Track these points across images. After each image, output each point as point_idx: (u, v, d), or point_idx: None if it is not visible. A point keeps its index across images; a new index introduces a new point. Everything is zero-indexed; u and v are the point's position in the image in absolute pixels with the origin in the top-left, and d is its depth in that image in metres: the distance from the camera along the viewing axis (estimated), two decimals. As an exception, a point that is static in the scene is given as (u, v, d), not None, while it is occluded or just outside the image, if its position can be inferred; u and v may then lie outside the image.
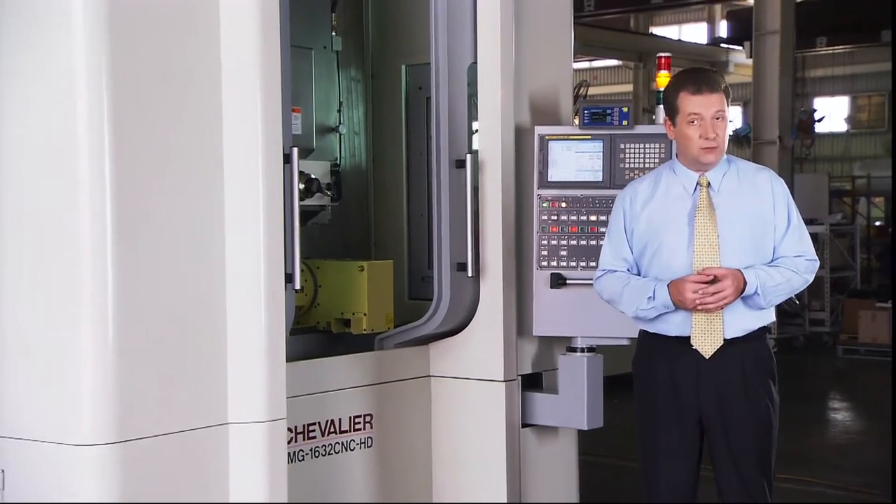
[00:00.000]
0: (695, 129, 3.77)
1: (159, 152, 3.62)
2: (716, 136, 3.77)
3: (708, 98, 3.77)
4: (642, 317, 3.88)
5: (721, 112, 3.79)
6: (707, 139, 3.76)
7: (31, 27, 3.63)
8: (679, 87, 3.84)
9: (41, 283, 3.57)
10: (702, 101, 3.77)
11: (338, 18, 5.41)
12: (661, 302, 3.77)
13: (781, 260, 3.84)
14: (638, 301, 3.84)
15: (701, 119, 3.76)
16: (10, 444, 3.60)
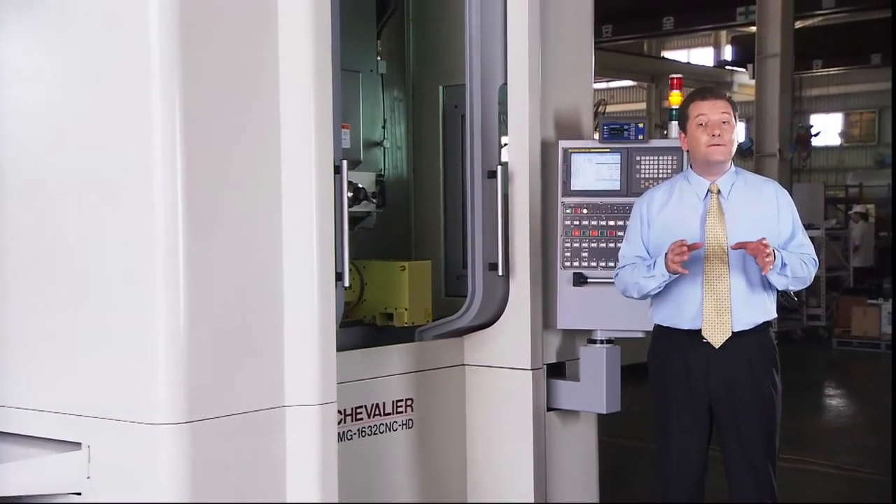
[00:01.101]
0: (703, 129, 3.80)
1: (226, 160, 3.64)
2: (721, 134, 3.78)
3: (714, 103, 3.82)
4: (645, 289, 3.86)
5: (727, 115, 3.81)
6: (713, 136, 3.77)
7: (102, 24, 3.65)
8: (690, 99, 3.92)
9: (119, 277, 3.59)
10: (708, 105, 3.82)
11: (383, 45, 5.44)
12: (659, 271, 3.77)
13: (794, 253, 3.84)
14: (640, 276, 3.84)
15: (708, 119, 3.78)
16: (94, 422, 3.62)
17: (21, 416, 3.82)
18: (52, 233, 3.78)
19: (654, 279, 3.81)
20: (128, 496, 3.57)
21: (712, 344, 3.81)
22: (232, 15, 3.65)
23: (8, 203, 3.89)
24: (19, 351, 3.85)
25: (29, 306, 3.82)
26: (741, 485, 3.87)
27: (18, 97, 3.89)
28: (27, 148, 3.86)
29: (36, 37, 3.85)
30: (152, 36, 3.48)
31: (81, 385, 3.67)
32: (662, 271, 3.76)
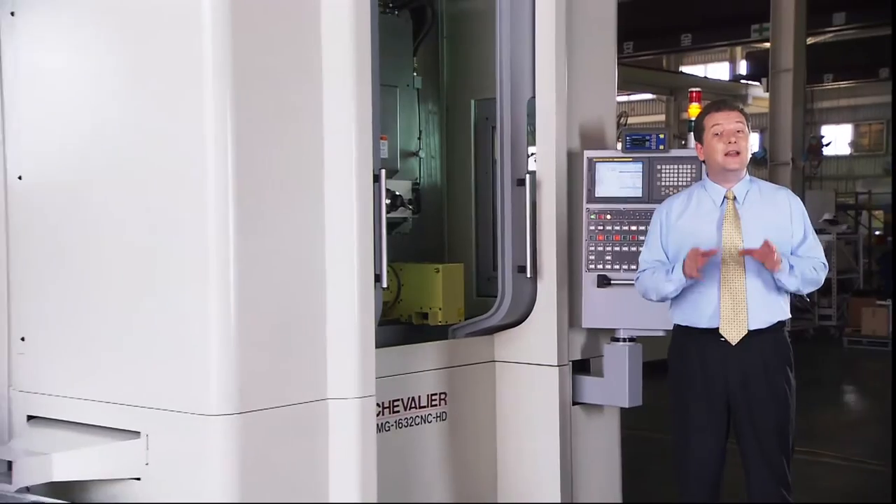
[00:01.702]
0: (719, 138, 3.79)
1: (273, 168, 3.66)
2: (736, 142, 3.76)
3: (728, 114, 3.83)
4: (663, 292, 3.85)
5: (741, 125, 3.80)
6: (729, 144, 3.75)
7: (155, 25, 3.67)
8: (705, 111, 3.93)
9: (175, 278, 3.62)
10: (723, 115, 3.83)
11: (418, 61, 5.45)
12: (677, 276, 3.78)
13: (803, 258, 3.81)
14: (660, 280, 3.83)
15: (723, 129, 3.77)
16: (152, 412, 3.65)
17: (85, 407, 3.86)
18: (112, 235, 3.81)
19: (672, 283, 3.80)
20: (183, 481, 3.60)
21: (729, 342, 3.79)
22: (280, 34, 3.67)
23: (68, 204, 3.93)
24: (83, 346, 3.89)
25: (92, 305, 3.86)
26: (757, 477, 3.85)
27: (71, 98, 3.92)
28: (88, 148, 3.88)
29: (91, 39, 3.87)
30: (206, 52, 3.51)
31: (140, 378, 3.70)
32: (680, 276, 3.76)
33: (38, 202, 4.04)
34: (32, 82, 4.03)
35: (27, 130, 4.05)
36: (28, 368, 4.07)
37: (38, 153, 4.03)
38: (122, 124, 3.77)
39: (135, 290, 3.73)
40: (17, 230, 4.10)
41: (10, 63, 4.07)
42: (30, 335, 4.07)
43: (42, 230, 4.02)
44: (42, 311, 4.03)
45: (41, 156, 4.02)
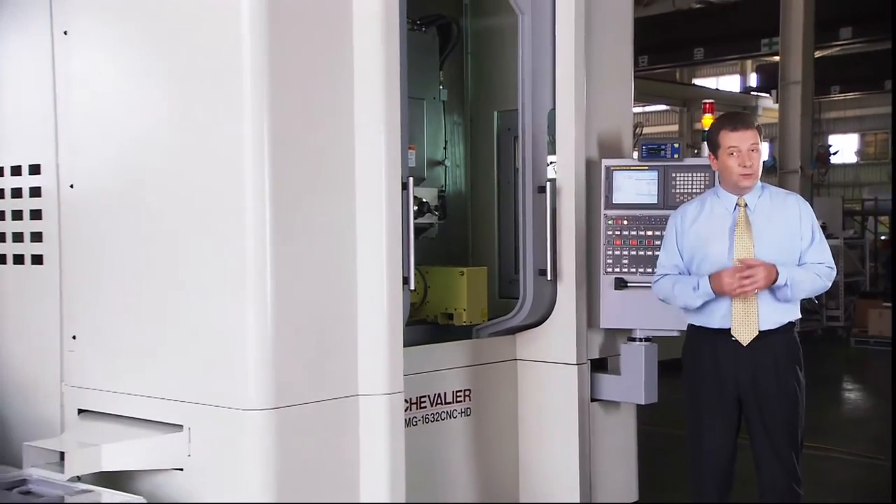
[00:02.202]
0: (734, 159, 3.74)
1: (307, 178, 3.67)
2: (752, 164, 3.73)
3: (743, 134, 3.75)
4: (689, 305, 3.83)
5: (755, 145, 3.75)
6: (744, 167, 3.73)
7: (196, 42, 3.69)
8: (720, 127, 3.82)
9: (215, 282, 3.63)
10: (739, 136, 3.74)
11: (444, 75, 5.46)
12: (704, 291, 3.75)
13: (808, 264, 3.77)
14: (685, 292, 3.81)
15: (739, 151, 3.73)
16: (194, 407, 3.67)
17: (132, 401, 3.89)
18: (156, 239, 3.83)
19: (700, 298, 3.78)
20: (223, 472, 3.62)
21: (740, 342, 3.76)
22: (314, 51, 3.69)
23: (116, 211, 3.96)
24: (130, 344, 3.92)
25: (138, 306, 3.89)
26: (768, 472, 3.82)
27: (117, 111, 3.94)
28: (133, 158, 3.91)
29: (135, 55, 3.90)
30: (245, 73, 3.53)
31: (183, 374, 3.72)
32: (707, 291, 3.73)
33: (88, 209, 4.07)
34: (83, 97, 4.07)
35: (78, 142, 4.09)
36: (79, 365, 4.11)
37: (88, 163, 4.07)
38: (165, 136, 3.80)
39: (178, 291, 3.75)
40: (69, 235, 4.14)
41: (63, 79, 4.12)
42: (80, 334, 4.10)
43: (92, 235, 4.06)
44: (92, 311, 4.06)
45: (91, 165, 4.06)
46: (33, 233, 4.29)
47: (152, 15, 3.82)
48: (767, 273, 3.64)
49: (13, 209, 4.38)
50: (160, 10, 3.79)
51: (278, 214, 3.55)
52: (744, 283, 3.62)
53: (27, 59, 4.27)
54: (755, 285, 3.63)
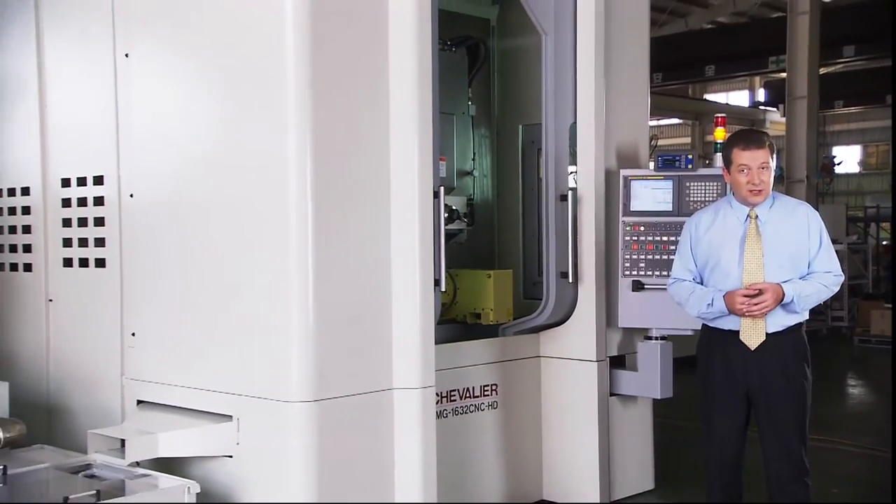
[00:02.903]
0: (744, 176, 3.68)
1: (346, 187, 3.68)
2: (761, 181, 3.67)
3: (755, 153, 3.67)
4: (703, 317, 3.80)
5: (765, 163, 3.68)
6: (753, 185, 3.67)
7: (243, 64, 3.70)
8: (733, 144, 3.76)
9: (261, 284, 3.64)
10: (750, 156, 3.67)
11: (473, 92, 5.46)
12: (718, 308, 3.69)
13: (814, 275, 3.71)
14: (700, 305, 3.76)
15: (749, 169, 3.67)
16: (242, 399, 3.70)
17: (186, 393, 3.92)
18: (208, 244, 3.86)
19: (713, 313, 3.73)
20: (268, 459, 3.64)
21: (748, 346, 3.72)
22: (353, 71, 3.69)
23: (171, 218, 3.99)
24: (184, 341, 3.95)
25: (191, 305, 3.92)
26: (776, 463, 3.76)
27: (172, 126, 3.97)
28: (187, 169, 3.94)
29: (188, 75, 3.92)
30: (290, 90, 3.55)
31: (232, 369, 3.74)
32: (721, 308, 3.67)
33: (146, 216, 4.11)
34: (141, 114, 4.11)
35: (137, 155, 4.13)
36: (137, 360, 4.14)
37: (146, 174, 4.10)
38: (216, 150, 3.83)
39: (227, 292, 3.77)
40: (129, 241, 4.18)
41: (125, 97, 4.16)
42: (139, 331, 4.14)
43: (149, 241, 4.09)
44: (149, 310, 4.10)
45: (148, 176, 4.10)
46: (97, 238, 4.34)
47: (203, 40, 3.85)
48: (775, 296, 3.60)
49: (79, 217, 4.43)
50: (210, 36, 3.82)
51: (319, 221, 3.56)
52: (752, 310, 3.60)
53: (92, 80, 4.32)
54: (765, 309, 3.60)
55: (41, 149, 4.60)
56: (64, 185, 4.50)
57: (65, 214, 4.49)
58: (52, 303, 4.59)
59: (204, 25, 3.83)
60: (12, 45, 4.74)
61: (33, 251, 4.68)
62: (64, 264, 4.51)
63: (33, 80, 4.63)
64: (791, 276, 3.67)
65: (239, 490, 3.70)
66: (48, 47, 4.58)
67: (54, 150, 4.56)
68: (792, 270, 3.68)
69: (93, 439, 3.73)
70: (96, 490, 3.20)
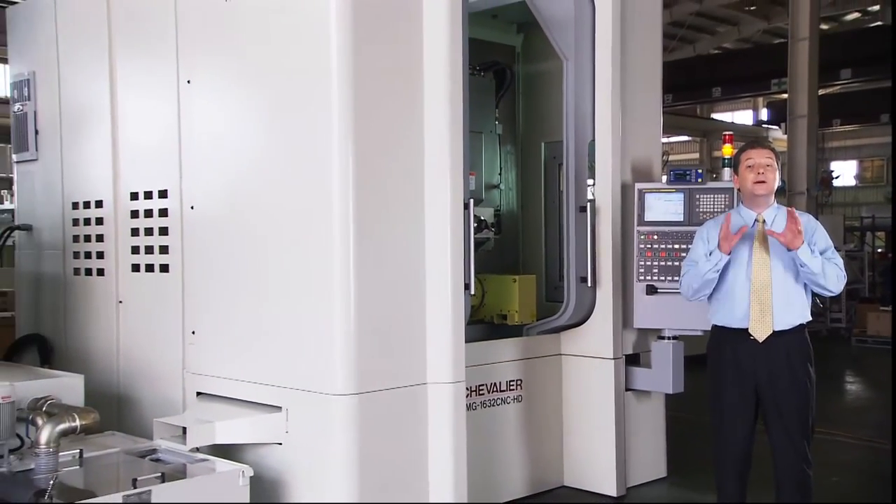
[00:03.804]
0: (750, 170, 3.67)
1: (385, 199, 3.67)
2: (764, 173, 3.64)
3: (760, 151, 3.71)
4: (703, 271, 3.65)
5: (770, 160, 3.68)
6: (758, 174, 3.64)
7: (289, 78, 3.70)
8: (742, 150, 3.79)
9: (308, 287, 3.64)
10: (756, 152, 3.71)
11: (499, 112, 5.46)
12: (715, 256, 3.60)
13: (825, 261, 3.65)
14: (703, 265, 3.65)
15: (754, 162, 3.66)
16: (291, 391, 3.70)
17: (239, 386, 3.93)
18: (260, 251, 3.86)
19: (710, 262, 3.63)
20: (314, 447, 3.63)
21: (757, 339, 3.65)
22: (391, 95, 3.69)
23: (226, 227, 4.01)
24: (238, 338, 3.96)
25: (244, 306, 3.93)
26: (781, 454, 3.69)
27: (227, 145, 3.99)
28: (240, 183, 3.95)
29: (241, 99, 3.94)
30: (334, 110, 3.55)
31: (282, 364, 3.75)
32: (718, 258, 3.60)
33: (205, 226, 4.13)
34: (201, 134, 4.14)
35: (197, 171, 4.16)
36: (197, 355, 4.17)
37: (205, 188, 4.13)
38: (268, 166, 3.83)
39: (276, 294, 3.78)
40: (190, 248, 4.21)
41: (187, 119, 4.19)
42: (198, 329, 4.16)
43: (208, 248, 4.12)
44: (207, 311, 4.12)
45: (207, 190, 4.12)
46: (161, 246, 4.38)
47: (255, 69, 3.87)
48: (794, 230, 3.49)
49: (145, 227, 4.47)
50: (261, 65, 3.84)
51: (360, 230, 3.56)
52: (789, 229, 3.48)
53: (158, 104, 4.36)
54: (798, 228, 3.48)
55: (113, 166, 4.65)
56: (132, 198, 4.54)
57: (133, 225, 4.54)
58: (122, 304, 4.63)
59: (256, 56, 3.85)
60: (89, 76, 4.80)
61: (105, 258, 4.73)
62: (132, 269, 4.55)
63: (106, 105, 4.68)
64: (795, 275, 3.61)
65: (287, 474, 3.70)
66: (119, 76, 4.63)
67: (124, 167, 4.61)
68: (795, 270, 3.62)
69: (157, 427, 3.75)
70: (161, 473, 3.21)
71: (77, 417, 3.33)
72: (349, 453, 3.54)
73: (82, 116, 4.88)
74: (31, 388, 3.71)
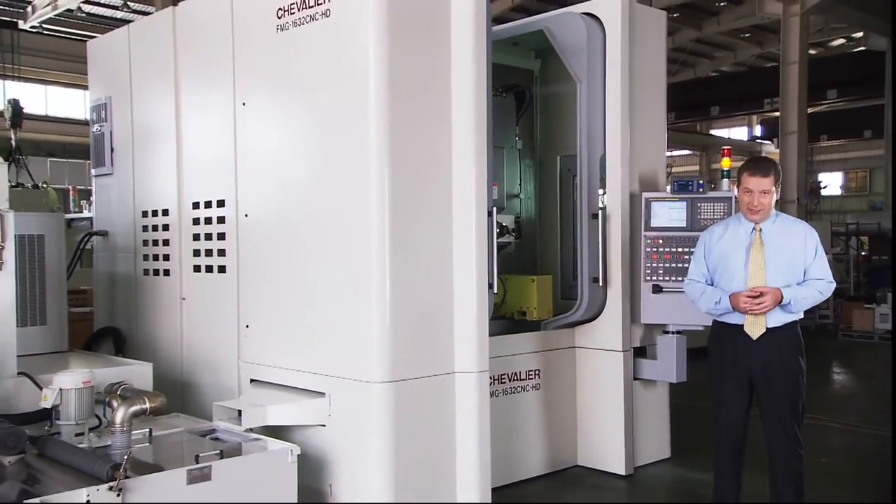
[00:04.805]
0: (747, 197, 3.58)
1: (417, 207, 3.65)
2: (760, 204, 3.56)
3: (759, 180, 3.56)
4: (711, 313, 3.67)
5: (767, 189, 3.57)
6: (752, 206, 3.56)
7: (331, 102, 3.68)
8: (744, 169, 3.66)
9: (349, 284, 3.63)
10: (754, 182, 3.57)
11: (519, 129, 5.42)
12: (724, 306, 3.58)
13: (810, 281, 3.57)
14: (709, 303, 3.64)
15: (751, 193, 3.55)
16: (333, 379, 3.69)
17: (288, 374, 3.93)
18: (305, 253, 3.86)
19: (719, 310, 3.62)
20: (354, 428, 3.62)
21: (751, 337, 3.58)
22: (423, 116, 3.67)
23: (276, 233, 4.00)
24: (287, 331, 3.96)
25: (291, 303, 3.93)
26: (774, 438, 3.62)
27: (276, 159, 4.00)
28: (288, 193, 3.95)
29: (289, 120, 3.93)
30: (371, 130, 3.54)
31: (325, 354, 3.74)
32: (727, 306, 3.57)
33: (257, 232, 4.14)
34: (254, 150, 4.15)
35: (251, 183, 4.17)
36: (250, 346, 4.17)
37: (257, 198, 4.14)
38: (313, 179, 3.83)
39: (320, 292, 3.77)
40: (244, 252, 4.22)
41: (242, 138, 4.21)
42: (252, 323, 4.17)
43: (260, 251, 4.12)
44: (259, 307, 4.12)
45: (259, 200, 4.13)
46: (219, 250, 4.39)
47: (302, 92, 3.87)
48: (774, 298, 3.49)
49: (206, 232, 4.50)
50: (306, 90, 3.84)
51: (395, 236, 3.54)
52: (754, 309, 3.48)
53: (217, 123, 4.38)
54: (765, 309, 3.47)
55: (177, 179, 4.69)
56: (194, 207, 4.57)
57: (195, 231, 4.56)
58: (185, 301, 4.66)
59: (302, 82, 3.85)
60: (157, 100, 4.85)
61: (171, 260, 4.76)
62: (194, 270, 4.58)
63: (172, 125, 4.72)
64: (789, 280, 3.54)
65: (330, 453, 3.70)
66: (183, 100, 4.67)
67: (187, 180, 4.64)
68: (790, 275, 3.55)
69: (216, 410, 3.77)
70: (220, 450, 3.21)
71: (147, 400, 3.34)
72: (385, 435, 3.52)
73: (151, 135, 4.93)
74: (107, 374, 3.75)
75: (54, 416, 3.27)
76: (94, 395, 3.37)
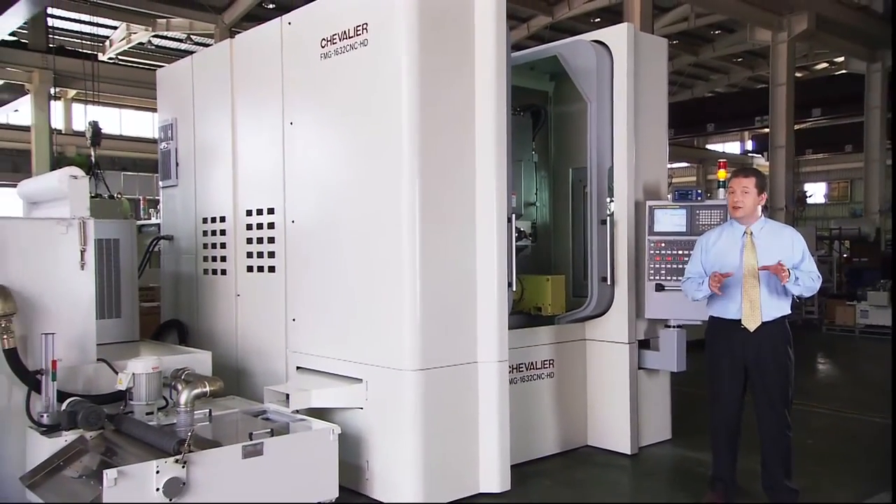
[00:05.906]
0: (732, 197, 3.56)
1: (445, 214, 3.63)
2: (741, 201, 3.51)
3: (740, 180, 3.56)
4: (697, 298, 3.60)
5: (746, 188, 3.54)
6: (734, 202, 3.55)
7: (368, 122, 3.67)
8: (732, 175, 3.63)
9: (382, 281, 3.61)
10: (735, 182, 3.60)
11: (535, 145, 5.37)
12: (705, 288, 3.54)
13: (802, 272, 3.51)
14: (695, 290, 3.60)
15: (733, 191, 3.53)
16: (369, 367, 3.68)
17: (329, 362, 3.93)
18: (343, 254, 3.85)
19: (701, 293, 3.58)
20: (388, 411, 3.61)
21: (748, 329, 3.50)
22: (449, 134, 3.65)
23: (318, 237, 4.00)
24: (329, 324, 3.96)
25: (332, 299, 3.92)
26: (765, 420, 3.55)
27: (319, 171, 4.00)
28: (329, 202, 3.95)
29: (331, 137, 3.93)
30: (404, 147, 3.52)
31: (362, 344, 3.73)
32: (706, 290, 3.53)
33: (302, 236, 4.15)
34: (300, 164, 4.16)
35: (297, 193, 4.18)
36: (296, 337, 4.18)
37: (302, 207, 4.15)
38: (351, 190, 3.82)
39: (359, 291, 3.76)
40: (291, 254, 4.23)
41: (290, 153, 4.22)
42: (298, 316, 4.18)
43: (304, 253, 4.13)
44: (304, 302, 4.13)
45: (304, 208, 4.14)
46: (269, 252, 4.41)
47: (343, 113, 3.86)
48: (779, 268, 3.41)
49: (257, 237, 4.52)
50: (348, 110, 3.83)
51: (424, 241, 3.52)
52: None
53: (267, 141, 4.40)
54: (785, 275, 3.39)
55: (233, 189, 4.72)
56: (247, 214, 4.59)
57: (248, 235, 4.58)
58: (239, 297, 4.69)
59: (343, 103, 3.85)
60: (216, 120, 4.89)
61: (227, 261, 4.79)
62: (247, 270, 4.60)
63: (229, 143, 4.75)
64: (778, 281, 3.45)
65: (367, 433, 3.69)
66: (238, 120, 4.70)
67: (241, 190, 4.67)
68: None
69: (267, 393, 3.78)
70: (270, 429, 3.23)
71: (207, 384, 3.37)
72: (416, 417, 3.51)
73: (211, 151, 4.97)
74: (172, 361, 3.79)
75: (128, 397, 3.32)
76: (161, 380, 3.41)
